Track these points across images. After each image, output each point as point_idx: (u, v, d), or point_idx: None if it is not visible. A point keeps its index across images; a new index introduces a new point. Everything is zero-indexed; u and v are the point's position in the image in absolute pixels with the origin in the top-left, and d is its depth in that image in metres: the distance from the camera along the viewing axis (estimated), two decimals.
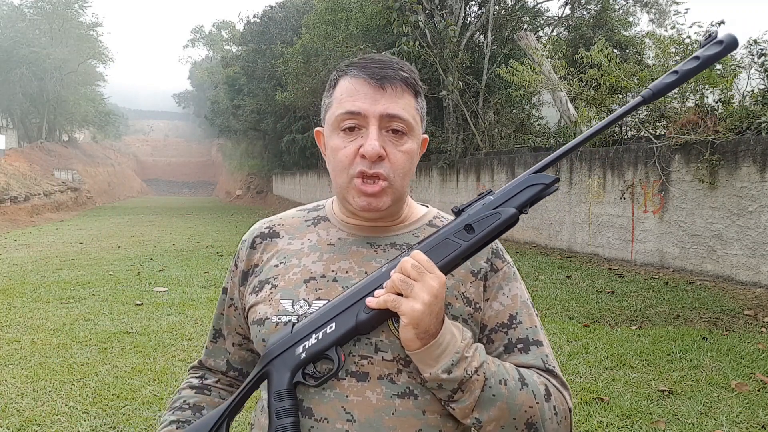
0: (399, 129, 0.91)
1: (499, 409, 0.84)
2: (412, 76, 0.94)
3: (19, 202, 19.98)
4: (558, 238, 10.04)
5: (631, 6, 17.41)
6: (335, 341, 0.85)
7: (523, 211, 0.86)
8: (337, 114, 0.91)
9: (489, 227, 0.85)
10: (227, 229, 16.52)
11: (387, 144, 0.90)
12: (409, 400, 0.87)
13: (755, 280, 6.47)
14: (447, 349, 0.83)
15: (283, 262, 0.99)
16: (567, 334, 4.84)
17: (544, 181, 0.86)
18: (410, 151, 0.93)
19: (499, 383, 0.84)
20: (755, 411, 3.27)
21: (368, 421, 0.86)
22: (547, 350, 0.94)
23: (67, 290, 6.96)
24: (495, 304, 0.96)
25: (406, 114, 0.91)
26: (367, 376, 0.88)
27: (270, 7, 28.53)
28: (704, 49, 0.83)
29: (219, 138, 44.25)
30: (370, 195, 0.90)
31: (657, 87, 0.84)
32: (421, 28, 13.09)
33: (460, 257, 0.85)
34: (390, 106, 0.89)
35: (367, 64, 0.92)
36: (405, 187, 0.95)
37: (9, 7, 39.26)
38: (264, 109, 26.96)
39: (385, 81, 0.90)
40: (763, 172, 6.48)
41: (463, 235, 0.85)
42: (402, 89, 0.91)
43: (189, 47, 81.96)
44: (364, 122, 0.90)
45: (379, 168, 0.89)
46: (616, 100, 9.49)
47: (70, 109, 40.80)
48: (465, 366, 0.83)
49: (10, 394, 3.65)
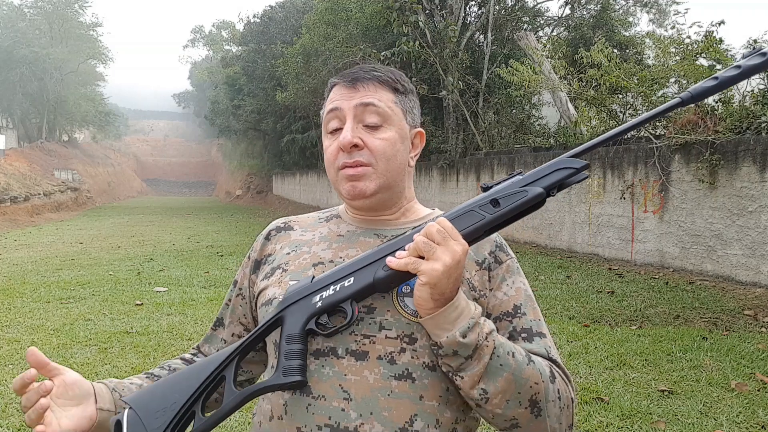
0: (374, 123, 0.97)
1: (506, 380, 0.84)
2: (388, 75, 1.00)
3: (19, 202, 19.98)
4: (558, 238, 10.04)
5: (631, 6, 17.43)
6: (352, 294, 0.86)
7: (550, 192, 0.86)
8: (324, 116, 1.01)
9: (515, 203, 0.85)
10: (227, 229, 16.52)
11: (363, 135, 0.96)
12: (406, 383, 0.88)
13: (755, 280, 6.47)
14: (463, 313, 0.83)
15: (295, 250, 1.04)
16: (567, 334, 4.84)
17: (575, 165, 0.86)
18: (389, 138, 0.97)
19: (507, 354, 0.84)
20: (755, 411, 3.27)
21: (364, 401, 0.87)
22: (550, 342, 0.95)
23: (67, 290, 6.96)
24: (499, 293, 0.97)
25: (380, 103, 0.97)
26: (366, 355, 0.89)
27: (270, 7, 28.50)
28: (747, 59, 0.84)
29: (219, 138, 44.18)
30: (352, 177, 0.96)
31: (696, 90, 0.84)
32: (421, 28, 13.08)
33: (483, 229, 0.85)
34: (364, 97, 0.97)
35: (346, 73, 1.01)
36: (393, 172, 0.98)
37: (9, 7, 39.21)
38: (264, 109, 26.93)
39: (357, 81, 0.98)
40: (763, 172, 6.48)
41: (488, 209, 0.86)
42: (375, 86, 0.98)
43: (189, 47, 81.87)
44: (343, 119, 0.97)
45: (359, 156, 0.95)
46: (616, 100, 9.49)
47: (70, 109, 40.77)
48: (478, 330, 0.83)
49: (10, 394, 3.65)
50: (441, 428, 0.89)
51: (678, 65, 8.64)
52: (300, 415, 0.89)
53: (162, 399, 0.85)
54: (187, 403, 0.84)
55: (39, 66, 36.51)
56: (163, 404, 0.84)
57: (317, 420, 0.87)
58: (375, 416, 0.86)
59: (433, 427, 0.88)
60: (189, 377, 0.87)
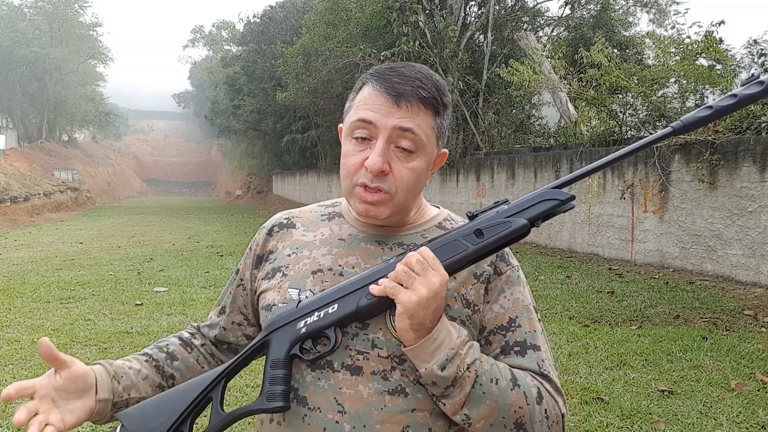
0: (408, 147, 0.91)
1: (488, 407, 0.85)
2: (433, 94, 0.92)
3: (19, 202, 19.98)
4: (558, 238, 10.04)
5: (631, 6, 17.43)
6: (335, 321, 0.88)
7: (535, 224, 0.87)
8: (352, 120, 0.93)
9: (498, 234, 0.86)
10: (227, 229, 16.52)
11: (393, 160, 0.91)
12: (399, 398, 0.89)
13: (755, 280, 6.48)
14: (442, 345, 0.84)
15: (295, 252, 1.03)
16: (567, 334, 4.84)
17: (560, 197, 0.87)
18: (417, 169, 0.93)
19: (490, 382, 0.85)
20: (755, 411, 3.27)
21: (358, 414, 0.89)
22: (544, 355, 0.95)
23: (67, 290, 6.96)
24: (495, 306, 0.96)
25: (419, 130, 0.91)
26: (361, 370, 0.90)
27: (270, 7, 28.50)
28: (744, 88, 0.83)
29: (219, 138, 44.20)
30: (369, 203, 0.93)
31: (688, 120, 0.85)
32: (421, 28, 13.09)
33: (465, 260, 0.86)
34: (403, 121, 0.90)
35: (390, 77, 0.91)
36: (409, 201, 0.96)
37: (9, 7, 39.19)
38: (264, 109, 26.93)
39: (401, 98, 0.90)
40: (763, 172, 6.48)
41: (471, 239, 0.86)
42: (418, 107, 0.91)
43: (189, 47, 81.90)
44: (374, 133, 0.91)
45: (381, 183, 0.91)
46: (616, 100, 9.49)
47: (70, 109, 40.78)
48: (458, 362, 0.84)
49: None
50: None
51: (678, 65, 8.64)
52: (296, 424, 0.92)
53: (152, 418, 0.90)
54: (175, 424, 0.89)
55: (39, 66, 36.51)
56: (153, 423, 0.89)
57: (312, 430, 0.90)
58: (368, 429, 0.88)
59: None
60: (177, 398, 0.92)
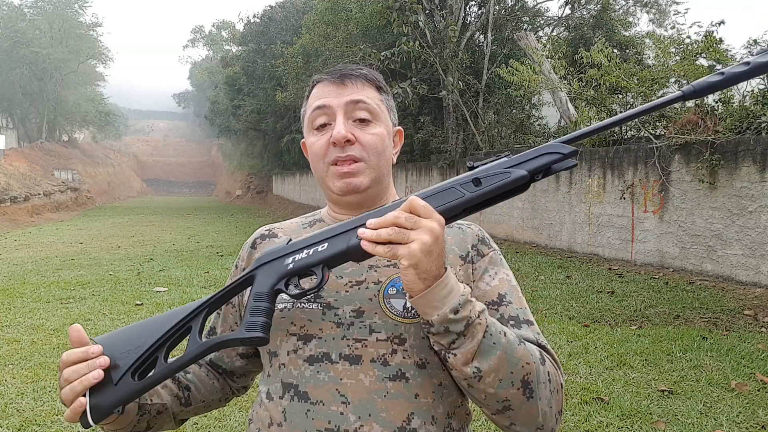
0: (364, 117, 0.99)
1: (498, 358, 0.82)
2: (372, 75, 1.04)
3: (19, 202, 19.98)
4: (558, 238, 10.04)
5: (631, 6, 17.42)
6: (324, 259, 0.86)
7: (534, 177, 0.84)
8: (309, 114, 1.02)
9: (496, 183, 0.83)
10: (227, 229, 16.53)
11: (354, 130, 0.98)
12: (401, 383, 0.90)
13: (755, 280, 6.48)
14: (453, 290, 0.81)
15: None
16: (567, 334, 4.84)
17: (562, 150, 0.83)
18: (380, 134, 1.00)
19: (499, 333, 0.84)
20: (755, 411, 3.27)
21: (362, 403, 0.89)
22: (538, 329, 0.95)
23: (67, 290, 6.96)
24: (482, 284, 0.97)
25: (370, 101, 1.00)
26: (360, 359, 0.91)
27: (270, 7, 28.48)
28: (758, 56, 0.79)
29: (219, 138, 44.15)
30: (346, 175, 0.97)
31: (699, 85, 0.79)
32: (421, 28, 13.08)
33: (461, 207, 0.84)
34: (353, 95, 0.99)
35: (331, 71, 1.03)
36: (383, 167, 1.01)
37: (9, 7, 39.17)
38: (264, 109, 26.92)
39: (345, 78, 1.00)
40: (763, 172, 6.48)
41: (469, 187, 0.84)
42: (362, 83, 1.01)
43: (189, 47, 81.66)
44: (332, 115, 0.99)
45: (351, 151, 0.97)
46: (616, 100, 9.50)
47: (70, 109, 40.80)
48: (470, 308, 0.82)
49: (10, 394, 3.65)
50: (437, 424, 0.91)
51: (678, 65, 8.64)
52: (300, 421, 0.91)
53: (129, 341, 0.88)
54: (152, 347, 0.87)
55: (39, 66, 36.52)
56: (128, 346, 0.87)
57: (317, 425, 0.89)
58: (373, 417, 0.88)
59: (430, 424, 0.90)
60: (157, 324, 0.90)
